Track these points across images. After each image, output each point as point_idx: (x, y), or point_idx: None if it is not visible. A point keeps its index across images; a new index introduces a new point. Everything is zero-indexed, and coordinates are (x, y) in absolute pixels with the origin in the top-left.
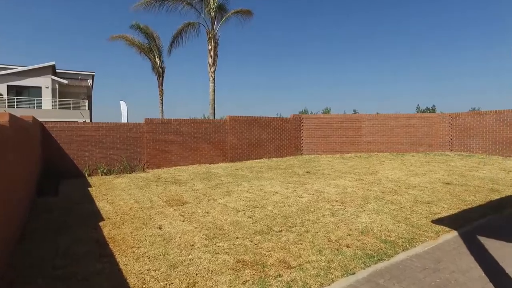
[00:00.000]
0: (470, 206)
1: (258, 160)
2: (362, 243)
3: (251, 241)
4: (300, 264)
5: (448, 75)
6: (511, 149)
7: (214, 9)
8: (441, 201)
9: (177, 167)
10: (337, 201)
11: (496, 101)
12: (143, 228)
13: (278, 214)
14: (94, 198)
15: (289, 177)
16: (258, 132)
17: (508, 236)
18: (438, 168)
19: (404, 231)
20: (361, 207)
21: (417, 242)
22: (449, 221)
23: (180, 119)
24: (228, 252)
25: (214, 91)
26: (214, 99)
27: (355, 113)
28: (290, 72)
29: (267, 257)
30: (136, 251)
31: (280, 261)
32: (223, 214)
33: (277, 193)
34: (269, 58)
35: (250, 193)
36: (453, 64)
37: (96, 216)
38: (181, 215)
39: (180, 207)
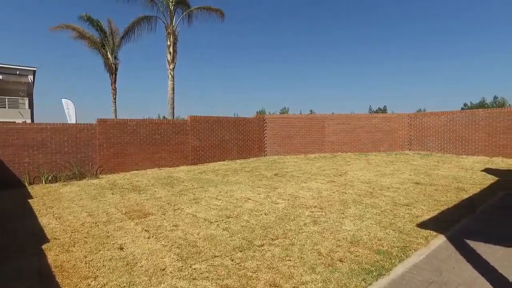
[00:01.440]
0: (446, 207)
1: (222, 162)
2: (356, 256)
3: (232, 260)
4: (294, 287)
5: (397, 77)
6: (463, 147)
7: (173, 3)
8: (418, 203)
9: (134, 171)
10: (315, 207)
11: (437, 102)
12: (100, 250)
13: (256, 225)
14: (36, 212)
15: (258, 181)
16: (221, 133)
17: (493, 238)
18: (404, 168)
19: (395, 239)
20: (342, 213)
21: (410, 250)
22: (433, 225)
23: (137, 119)
24: (207, 277)
25: (174, 90)
26: (173, 98)
27: (311, 113)
28: (251, 74)
29: (255, 280)
30: (93, 283)
31: (270, 285)
32: (194, 227)
33: (250, 199)
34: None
35: (219, 200)
36: (401, 69)
37: (39, 236)
38: (145, 230)
39: (142, 219)
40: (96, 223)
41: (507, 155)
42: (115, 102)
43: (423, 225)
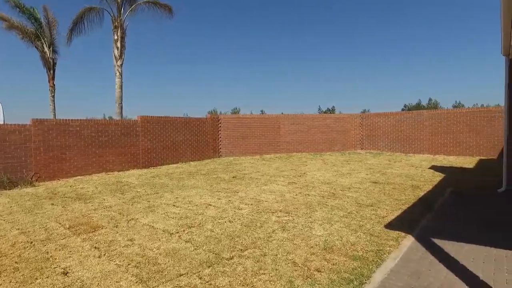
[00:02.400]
0: (407, 206)
1: (175, 165)
2: (333, 264)
3: (201, 278)
4: None
5: (344, 78)
6: (409, 146)
7: None
8: (381, 203)
9: (78, 177)
10: (281, 211)
11: (380, 103)
12: (37, 279)
13: (222, 234)
14: None
15: (216, 184)
16: (174, 134)
17: (454, 236)
18: (359, 167)
19: (367, 242)
20: (309, 216)
21: (384, 254)
22: (400, 225)
23: (80, 120)
24: None
25: (122, 88)
26: (121, 97)
27: (262, 113)
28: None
29: None
30: None
31: None
32: (153, 240)
33: (210, 205)
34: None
35: (178, 207)
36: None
37: None
38: (95, 248)
39: (91, 234)
40: (31, 242)
41: (447, 153)
42: (53, 101)
43: (390, 225)
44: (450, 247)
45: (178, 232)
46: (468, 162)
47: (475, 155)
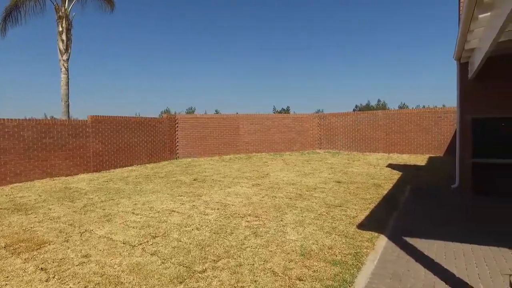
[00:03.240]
0: (373, 205)
1: (130, 168)
2: (314, 271)
3: None
4: None
5: (298, 78)
6: (365, 145)
7: None
8: (349, 203)
9: (17, 184)
10: (250, 215)
11: (333, 104)
12: None
13: (191, 244)
14: None
15: (177, 188)
16: (128, 135)
17: (423, 233)
18: (320, 167)
19: (344, 245)
20: (281, 220)
21: (362, 256)
22: (371, 225)
23: (18, 119)
24: None
25: (68, 85)
26: (68, 95)
27: (217, 113)
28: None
29: None
30: None
31: None
32: (113, 255)
33: (174, 211)
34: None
35: (138, 215)
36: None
37: None
38: (41, 269)
39: (35, 253)
40: None
41: (400, 151)
42: None
43: (362, 226)
44: (421, 244)
45: (141, 244)
46: (420, 160)
47: (424, 153)
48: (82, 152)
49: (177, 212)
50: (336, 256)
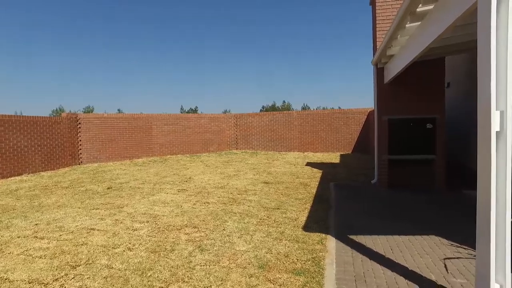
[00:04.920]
0: (309, 204)
1: (19, 178)
2: (280, 285)
3: None
4: None
5: (205, 78)
6: (282, 145)
7: None
8: (285, 204)
9: None
10: (187, 226)
11: (241, 104)
12: None
13: (126, 270)
14: None
15: (89, 200)
16: (15, 138)
17: (363, 229)
18: (243, 167)
19: (299, 251)
20: (223, 229)
21: (320, 261)
22: (315, 226)
23: None
24: None
25: None
26: None
27: (120, 112)
28: (42, 68)
29: None
30: None
31: None
32: None
33: (93, 229)
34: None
35: (43, 239)
36: (210, 70)
37: None
38: None
39: None
40: None
41: (314, 150)
42: None
43: (307, 228)
44: (366, 240)
45: (57, 280)
46: (333, 157)
47: (335, 151)
48: None
49: (98, 230)
50: (296, 264)
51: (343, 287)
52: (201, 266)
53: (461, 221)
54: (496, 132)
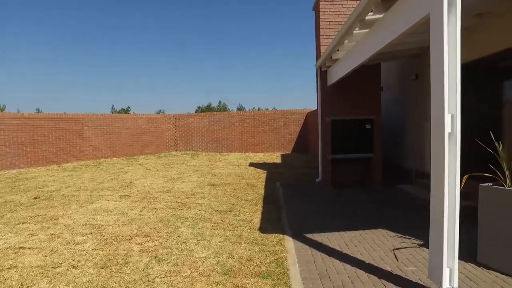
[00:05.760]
0: (260, 205)
1: None
2: None
3: None
4: None
5: (138, 76)
6: (222, 146)
7: None
8: (237, 206)
9: None
10: (138, 236)
11: (174, 104)
12: None
13: None
14: None
15: (11, 213)
16: None
17: (316, 226)
18: (185, 170)
19: (261, 254)
20: (177, 236)
21: (283, 262)
22: (270, 227)
23: None
24: None
25: None
26: None
27: (39, 112)
28: None
29: None
30: None
31: None
32: None
33: (23, 247)
34: None
35: None
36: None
37: None
38: None
39: None
40: None
41: (255, 151)
42: None
43: (263, 230)
44: (322, 238)
45: None
46: (274, 157)
47: (276, 151)
48: None
49: (29, 248)
50: (260, 267)
51: (310, 286)
52: (161, 278)
53: (401, 214)
54: (448, 133)
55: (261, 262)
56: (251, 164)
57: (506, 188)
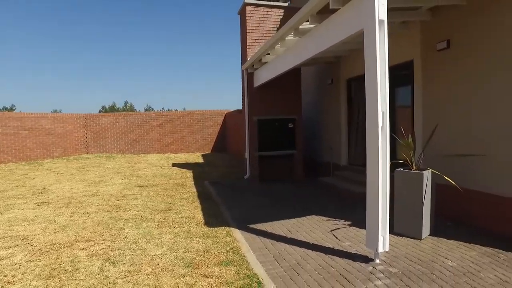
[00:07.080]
0: (197, 203)
1: None
2: (217, 277)
3: None
4: None
5: (29, 72)
6: (139, 147)
7: None
8: (175, 205)
9: None
10: (78, 241)
11: (74, 104)
12: None
13: None
14: None
15: None
16: None
17: (257, 218)
18: (104, 173)
19: (216, 245)
20: (124, 237)
21: (239, 250)
22: (215, 222)
23: None
24: None
25: None
26: None
27: None
28: None
29: None
30: None
31: None
32: None
33: None
34: None
35: None
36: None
37: None
38: None
39: None
40: None
41: (175, 151)
42: None
43: (210, 224)
44: (266, 227)
45: None
46: (195, 157)
47: (196, 151)
48: None
49: None
50: (220, 257)
51: (269, 267)
52: (123, 278)
53: (326, 202)
54: (381, 127)
55: (219, 252)
56: (174, 165)
57: (412, 171)
